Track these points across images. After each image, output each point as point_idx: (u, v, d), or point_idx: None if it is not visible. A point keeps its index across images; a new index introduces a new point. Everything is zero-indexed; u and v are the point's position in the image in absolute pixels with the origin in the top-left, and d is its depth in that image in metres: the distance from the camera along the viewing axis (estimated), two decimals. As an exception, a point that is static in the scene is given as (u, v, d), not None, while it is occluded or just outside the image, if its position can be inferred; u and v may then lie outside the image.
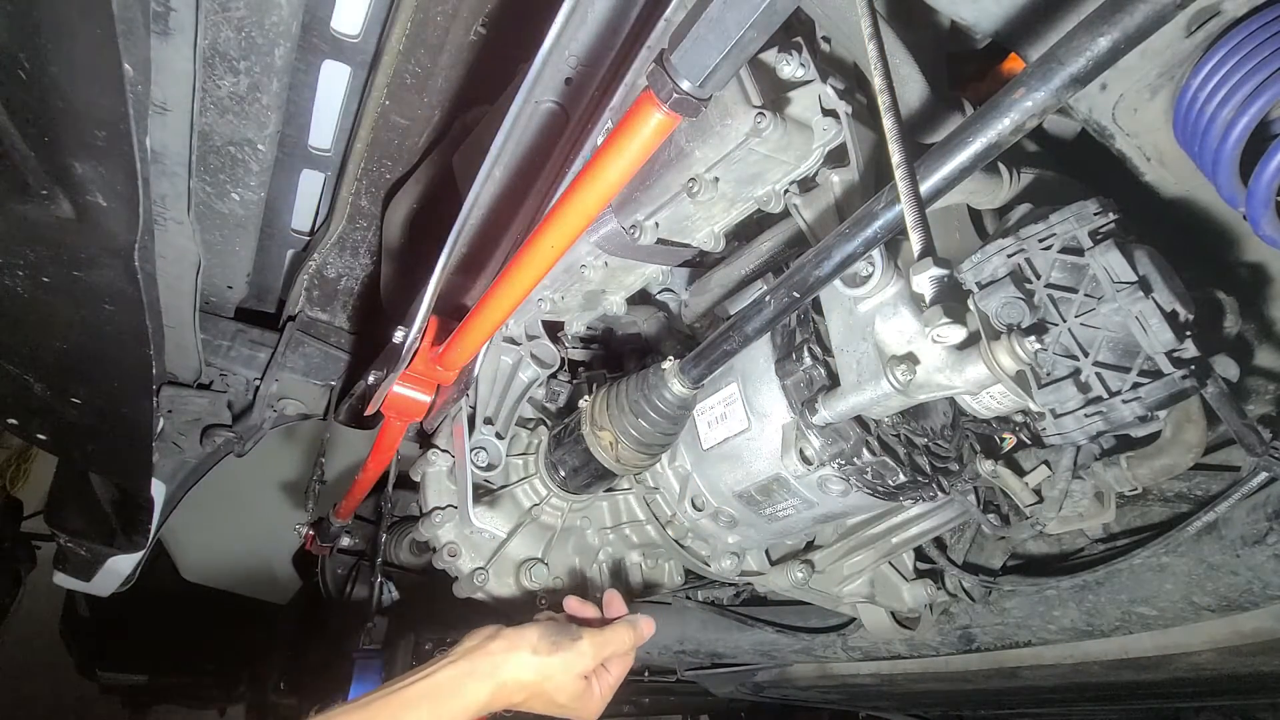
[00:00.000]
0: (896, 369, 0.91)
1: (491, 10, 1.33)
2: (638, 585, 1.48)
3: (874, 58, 0.68)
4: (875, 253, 0.93)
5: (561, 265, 1.10)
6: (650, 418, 1.09)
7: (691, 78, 0.70)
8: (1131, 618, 1.29)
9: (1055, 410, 0.85)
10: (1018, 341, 0.84)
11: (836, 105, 0.99)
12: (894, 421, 1.10)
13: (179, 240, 1.39)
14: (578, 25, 0.87)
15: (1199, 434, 0.98)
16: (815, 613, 1.90)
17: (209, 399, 1.98)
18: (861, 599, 1.48)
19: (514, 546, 1.33)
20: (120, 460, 1.79)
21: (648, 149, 0.79)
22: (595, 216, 0.91)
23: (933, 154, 0.68)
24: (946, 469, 1.12)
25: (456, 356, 1.23)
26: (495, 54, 1.39)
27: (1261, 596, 1.12)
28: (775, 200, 1.10)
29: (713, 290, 1.35)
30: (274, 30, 1.18)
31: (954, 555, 1.50)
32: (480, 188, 1.03)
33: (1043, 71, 0.58)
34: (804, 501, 1.15)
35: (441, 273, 1.14)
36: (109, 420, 1.54)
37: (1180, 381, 0.79)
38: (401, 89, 1.41)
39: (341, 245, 1.79)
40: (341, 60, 1.34)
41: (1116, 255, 0.83)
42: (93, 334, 1.26)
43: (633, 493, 1.39)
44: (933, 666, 1.80)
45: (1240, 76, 0.71)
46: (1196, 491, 1.22)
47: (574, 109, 0.98)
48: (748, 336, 0.93)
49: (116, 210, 1.04)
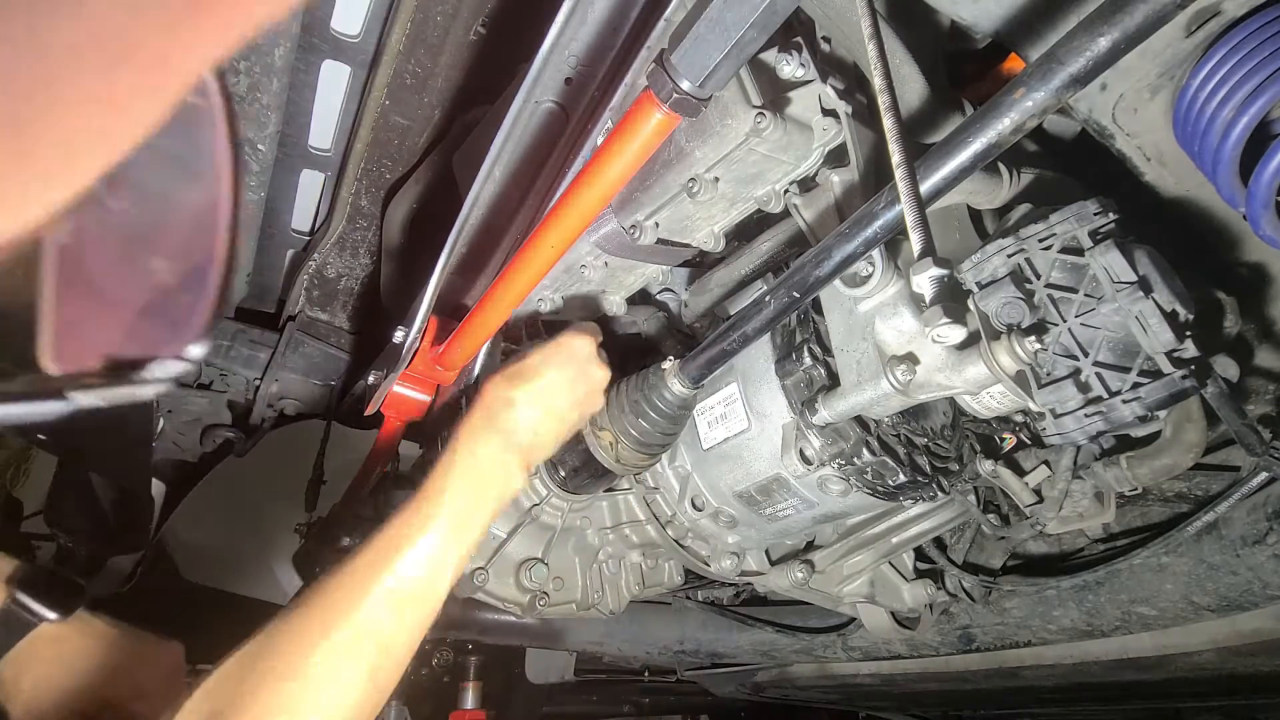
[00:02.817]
0: (896, 369, 0.91)
1: (491, 10, 1.33)
2: (638, 585, 1.48)
3: (874, 58, 0.68)
4: (875, 253, 0.93)
5: (561, 265, 1.10)
6: (650, 418, 1.09)
7: (691, 78, 0.70)
8: (1131, 618, 1.30)
9: (1055, 410, 0.85)
10: (1018, 341, 0.84)
11: (836, 105, 0.99)
12: (894, 421, 1.10)
13: (179, 240, 1.38)
14: (578, 25, 0.87)
15: (1199, 434, 0.98)
16: (815, 613, 1.90)
17: (209, 399, 1.98)
18: (861, 599, 1.48)
19: (514, 546, 1.33)
20: (120, 460, 1.79)
21: (648, 149, 0.79)
22: (595, 216, 0.91)
23: (933, 154, 0.68)
24: (946, 469, 1.12)
25: (456, 356, 1.23)
26: (495, 54, 1.39)
27: (1261, 596, 1.12)
28: (775, 200, 1.10)
29: (713, 290, 1.35)
30: (274, 30, 1.18)
31: (954, 555, 1.50)
32: (480, 188, 1.03)
33: (1043, 71, 0.58)
34: (804, 501, 1.15)
35: (441, 273, 1.14)
36: (109, 420, 1.54)
37: (1180, 381, 0.79)
38: (401, 89, 1.41)
39: (341, 245, 1.79)
40: (341, 60, 1.35)
41: (1116, 255, 0.83)
42: (93, 334, 1.26)
43: (633, 493, 1.39)
44: (933, 666, 1.81)
45: (1240, 77, 0.71)
46: (1196, 491, 1.22)
47: (574, 109, 0.98)
48: (748, 336, 0.93)
49: (116, 210, 1.04)
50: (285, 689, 0.71)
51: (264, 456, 2.20)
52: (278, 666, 0.73)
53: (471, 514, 0.89)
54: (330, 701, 0.73)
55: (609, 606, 1.44)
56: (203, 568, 3.22)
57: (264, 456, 2.20)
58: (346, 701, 0.74)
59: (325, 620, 0.76)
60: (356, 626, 0.77)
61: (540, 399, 0.98)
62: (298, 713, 0.71)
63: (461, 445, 0.93)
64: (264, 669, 0.73)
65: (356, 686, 0.75)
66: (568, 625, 2.29)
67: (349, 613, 0.77)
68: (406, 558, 0.82)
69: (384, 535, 0.84)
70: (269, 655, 0.74)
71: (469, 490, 0.89)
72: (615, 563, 1.46)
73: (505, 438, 0.94)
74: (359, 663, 0.76)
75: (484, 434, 0.94)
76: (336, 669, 0.74)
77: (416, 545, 0.83)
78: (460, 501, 0.88)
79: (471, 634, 2.35)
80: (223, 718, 0.69)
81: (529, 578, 1.32)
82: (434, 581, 0.84)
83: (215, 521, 3.08)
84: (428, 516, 0.85)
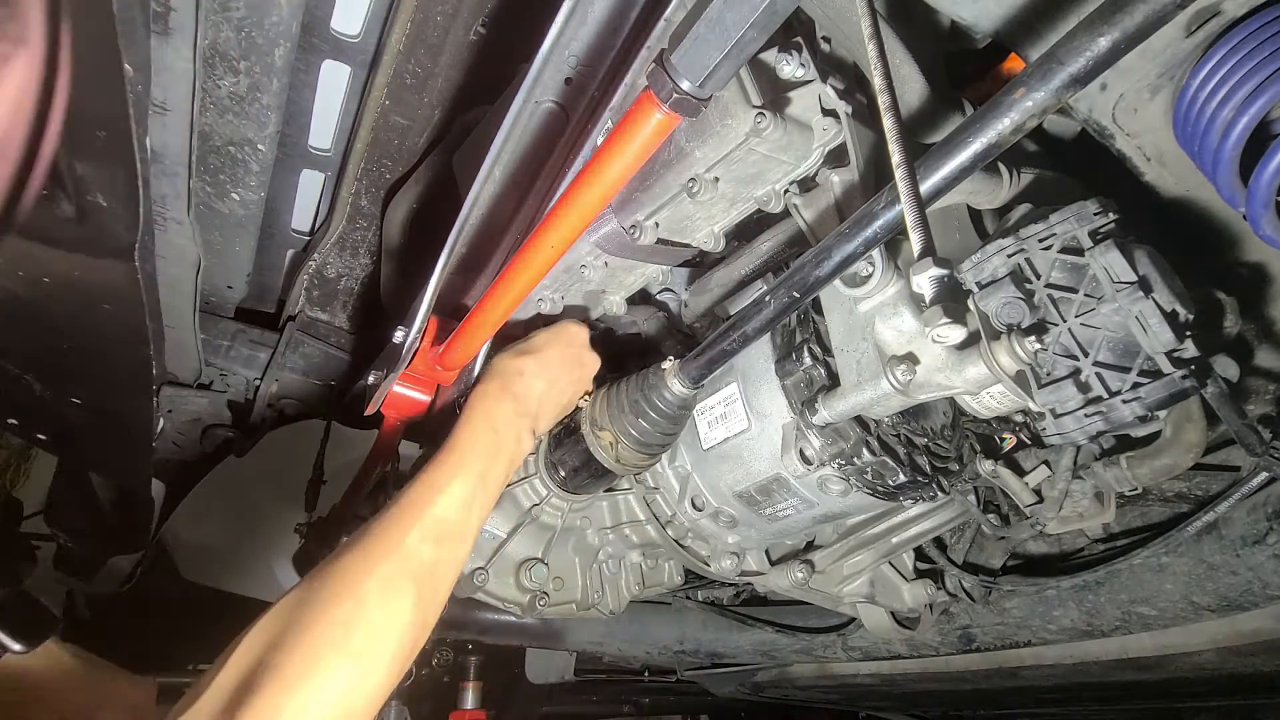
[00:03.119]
0: (896, 369, 0.91)
1: (491, 10, 1.33)
2: (638, 585, 1.48)
3: (874, 58, 0.68)
4: (875, 253, 0.93)
5: (561, 265, 1.10)
6: (650, 418, 1.09)
7: (691, 78, 0.70)
8: (1131, 618, 1.30)
9: (1055, 410, 0.85)
10: (1018, 341, 0.84)
11: (836, 105, 0.98)
12: (894, 421, 1.10)
13: (179, 240, 1.39)
14: (578, 25, 0.87)
15: (1199, 434, 0.98)
16: (815, 613, 1.90)
17: (209, 399, 1.99)
18: (861, 599, 1.48)
19: (514, 546, 1.33)
20: (120, 460, 1.79)
21: (648, 149, 0.79)
22: (595, 216, 0.91)
23: (933, 154, 0.68)
24: (946, 469, 1.12)
25: (456, 356, 1.23)
26: (495, 54, 1.39)
27: (1261, 596, 1.12)
28: (775, 200, 1.09)
29: (713, 290, 1.34)
30: (274, 30, 1.18)
31: (954, 555, 1.50)
32: (480, 188, 1.03)
33: (1043, 71, 0.58)
34: (804, 501, 1.15)
35: (441, 273, 1.14)
36: (109, 420, 1.54)
37: (1180, 381, 0.79)
38: (401, 89, 1.41)
39: (341, 245, 1.79)
40: (341, 60, 1.35)
41: (1116, 255, 0.83)
42: (93, 334, 1.26)
43: (633, 493, 1.39)
44: (933, 666, 1.81)
45: (1240, 77, 0.71)
46: (1196, 491, 1.22)
47: (574, 109, 0.98)
48: (748, 336, 0.93)
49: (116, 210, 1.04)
50: (338, 613, 0.74)
51: (264, 456, 2.20)
52: (329, 597, 0.76)
53: (490, 470, 0.95)
54: (381, 623, 0.76)
55: (609, 606, 1.44)
56: (203, 568, 3.21)
57: (264, 456, 2.20)
58: (396, 626, 0.77)
59: (370, 555, 0.80)
60: (401, 558, 0.81)
61: (546, 372, 1.07)
62: (352, 632, 0.74)
63: (477, 408, 1.00)
64: (316, 599, 0.76)
65: (404, 614, 0.78)
66: (568, 625, 2.29)
67: (393, 548, 0.82)
68: (439, 502, 0.88)
69: (413, 487, 0.89)
70: (320, 588, 0.77)
71: (487, 447, 0.96)
72: (615, 563, 1.46)
73: (517, 403, 1.03)
74: (405, 591, 0.79)
75: (497, 398, 1.02)
76: (385, 595, 0.78)
77: (447, 491, 0.89)
78: (481, 458, 0.95)
79: (471, 634, 2.35)
80: (282, 639, 0.72)
81: (529, 578, 1.32)
82: (466, 523, 0.90)
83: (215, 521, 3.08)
84: (456, 465, 0.92)
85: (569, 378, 1.12)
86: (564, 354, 1.12)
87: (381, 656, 0.75)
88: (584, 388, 1.17)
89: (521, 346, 1.11)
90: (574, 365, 1.13)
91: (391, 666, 0.76)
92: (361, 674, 0.73)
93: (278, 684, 0.67)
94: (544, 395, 1.07)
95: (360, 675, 0.72)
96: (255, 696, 0.66)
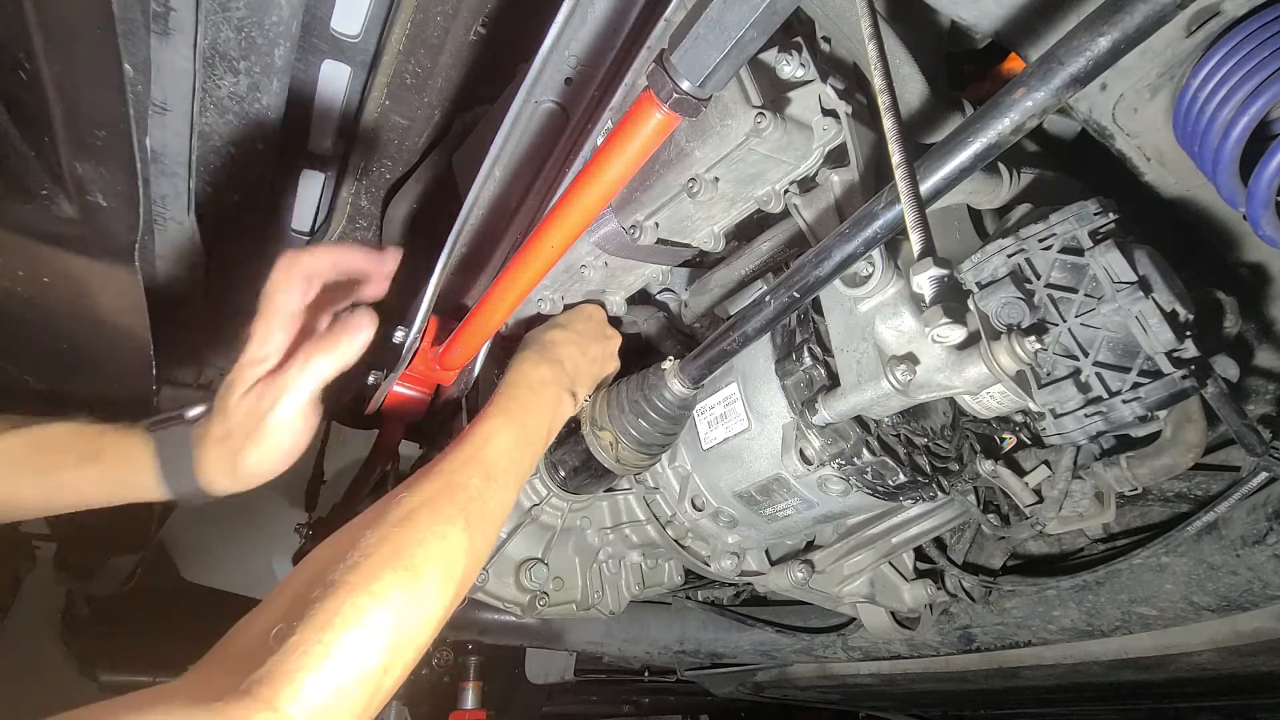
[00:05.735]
0: (896, 369, 0.91)
1: (491, 10, 1.33)
2: (638, 585, 1.48)
3: (874, 58, 0.68)
4: (875, 253, 0.93)
5: (561, 265, 1.10)
6: (650, 418, 1.09)
7: (691, 78, 0.70)
8: (1131, 618, 1.30)
9: (1055, 410, 0.85)
10: (1018, 341, 0.84)
11: (836, 105, 0.98)
12: (894, 421, 1.10)
13: (179, 240, 1.39)
14: (578, 25, 0.87)
15: (1199, 434, 0.98)
16: (815, 613, 1.90)
17: (209, 399, 1.98)
18: (861, 599, 1.48)
19: (513, 546, 1.33)
20: (120, 460, 1.79)
21: (648, 149, 0.79)
22: (595, 216, 0.91)
23: (933, 154, 0.68)
24: (946, 469, 1.12)
25: (456, 356, 1.23)
26: (495, 54, 1.39)
27: (1261, 596, 1.12)
28: (775, 200, 1.09)
29: (713, 290, 1.34)
30: (274, 30, 1.18)
31: (954, 555, 1.50)
32: (480, 188, 1.03)
33: (1043, 71, 0.58)
34: (804, 501, 1.15)
35: (441, 273, 1.14)
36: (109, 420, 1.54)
37: (1180, 381, 0.79)
38: (401, 89, 1.41)
39: (341, 245, 1.79)
40: (341, 60, 1.34)
41: (1116, 255, 0.83)
42: (93, 334, 1.26)
43: (633, 493, 1.39)
44: (933, 666, 1.81)
45: (1240, 76, 0.71)
46: (1196, 491, 1.22)
47: (574, 109, 0.98)
48: (748, 336, 0.93)
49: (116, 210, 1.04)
50: (393, 536, 0.76)
51: (264, 456, 2.19)
52: (380, 523, 0.77)
53: (531, 423, 0.99)
54: (434, 545, 0.78)
55: (609, 606, 1.44)
56: (203, 568, 3.22)
57: (264, 456, 2.19)
58: (447, 550, 0.79)
59: (421, 488, 0.83)
60: (451, 488, 0.84)
61: (578, 339, 1.15)
62: (403, 550, 0.75)
63: (516, 371, 1.05)
64: (366, 523, 0.78)
65: (455, 538, 0.80)
66: (568, 625, 2.29)
67: (443, 480, 0.85)
68: (487, 446, 0.91)
69: (458, 442, 0.91)
70: (373, 518, 0.79)
71: (527, 404, 1.00)
72: (615, 563, 1.46)
73: (555, 367, 1.08)
74: (455, 519, 0.81)
75: (535, 362, 1.07)
76: (435, 520, 0.80)
77: (492, 441, 0.92)
78: (521, 411, 0.98)
79: (471, 634, 2.35)
80: (337, 561, 0.73)
81: (529, 578, 1.32)
82: (510, 470, 0.92)
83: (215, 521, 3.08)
84: (498, 417, 0.95)
85: (599, 347, 1.19)
86: (590, 327, 1.20)
87: (435, 577, 0.76)
88: (613, 359, 1.23)
89: (550, 322, 1.20)
90: (601, 337, 1.20)
91: (444, 590, 0.77)
92: (417, 589, 0.74)
93: (337, 594, 0.69)
94: (578, 360, 1.13)
95: (415, 590, 0.74)
96: (312, 606, 0.67)
